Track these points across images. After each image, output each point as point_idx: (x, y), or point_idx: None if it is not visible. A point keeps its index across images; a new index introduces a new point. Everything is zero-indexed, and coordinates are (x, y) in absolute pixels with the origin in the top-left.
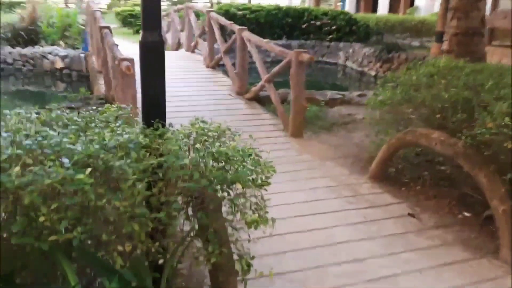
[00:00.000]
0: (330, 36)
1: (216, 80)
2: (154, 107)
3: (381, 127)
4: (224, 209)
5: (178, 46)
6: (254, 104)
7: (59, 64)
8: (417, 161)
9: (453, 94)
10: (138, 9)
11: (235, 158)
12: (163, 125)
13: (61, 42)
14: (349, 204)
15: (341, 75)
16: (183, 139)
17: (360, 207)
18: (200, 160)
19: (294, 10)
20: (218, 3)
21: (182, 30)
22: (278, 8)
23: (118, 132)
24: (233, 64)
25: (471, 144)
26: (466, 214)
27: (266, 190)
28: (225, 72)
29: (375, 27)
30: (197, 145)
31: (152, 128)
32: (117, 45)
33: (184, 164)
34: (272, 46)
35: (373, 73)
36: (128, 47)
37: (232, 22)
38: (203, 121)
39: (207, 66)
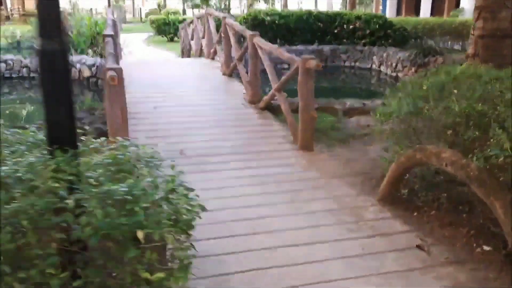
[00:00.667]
0: (364, 41)
1: (230, 88)
2: (58, 126)
3: (392, 140)
4: None
5: (200, 53)
6: (266, 114)
7: (87, 73)
8: (436, 180)
9: (465, 106)
10: (171, 17)
11: (141, 197)
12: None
13: (90, 51)
14: (349, 232)
15: (375, 81)
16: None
17: (361, 236)
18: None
19: (326, 15)
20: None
21: (203, 37)
22: (309, 13)
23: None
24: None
25: (485, 166)
26: (486, 248)
27: (190, 235)
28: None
29: (413, 31)
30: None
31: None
32: (113, 54)
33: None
34: (282, 52)
35: (408, 78)
36: (162, 53)
37: (244, 28)
38: (135, 145)
39: (224, 74)
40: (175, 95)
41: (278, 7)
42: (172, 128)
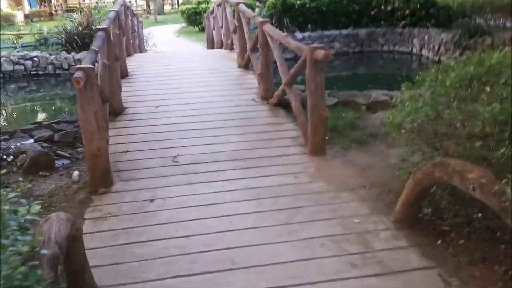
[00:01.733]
0: (403, 22)
1: (243, 82)
2: None
3: (412, 147)
4: None
5: (221, 44)
6: (278, 111)
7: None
8: (469, 196)
9: (500, 111)
10: (202, 6)
11: None
12: None
13: None
14: (352, 269)
15: (416, 66)
16: None
17: (366, 274)
18: None
19: None
20: None
21: (222, 26)
22: None
23: None
24: None
25: None
26: None
27: None
28: None
29: (459, 9)
30: None
31: None
32: (95, 51)
33: None
34: (289, 40)
35: (452, 62)
36: (188, 45)
37: (256, 14)
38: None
39: (239, 66)
40: (181, 92)
41: None
42: (171, 130)
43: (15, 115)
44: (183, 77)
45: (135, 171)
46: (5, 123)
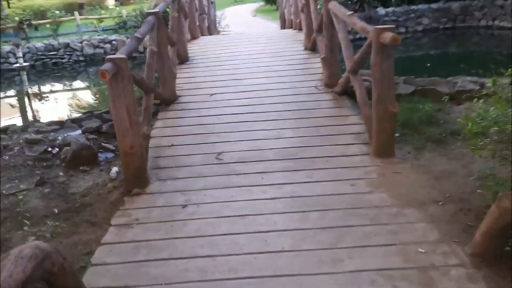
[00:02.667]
0: None
1: (308, 67)
2: None
3: (500, 160)
4: None
5: (291, 24)
6: (343, 101)
7: None
8: None
9: None
10: None
11: None
12: None
13: None
14: None
15: None
16: None
17: None
18: None
19: None
20: None
21: (291, 5)
22: None
23: None
24: None
25: None
26: None
27: None
28: None
29: None
30: None
31: None
32: (140, 38)
33: None
34: (354, 20)
35: None
36: (263, 24)
37: None
38: None
39: (305, 49)
40: (239, 79)
41: None
42: (221, 122)
43: (82, 101)
44: (244, 61)
45: (175, 169)
46: (74, 110)
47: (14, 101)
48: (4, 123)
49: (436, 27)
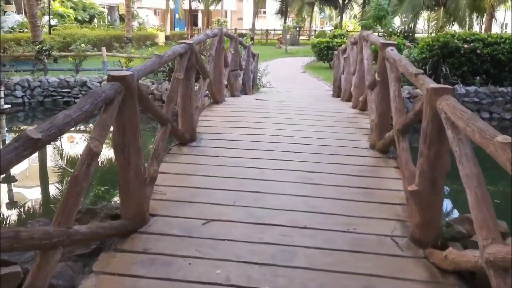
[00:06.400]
0: None
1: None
2: None
3: None
4: None
5: (349, 97)
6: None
7: None
8: None
9: None
10: (336, 41)
11: None
12: None
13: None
14: None
15: None
16: None
17: None
18: None
19: None
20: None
21: (354, 73)
22: None
23: None
24: None
25: None
26: None
27: None
28: None
29: None
30: None
31: None
32: None
33: None
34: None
35: None
36: (312, 83)
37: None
38: None
39: (372, 147)
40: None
41: (477, 30)
42: None
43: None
44: (272, 157)
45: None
46: None
47: None
48: None
49: None
